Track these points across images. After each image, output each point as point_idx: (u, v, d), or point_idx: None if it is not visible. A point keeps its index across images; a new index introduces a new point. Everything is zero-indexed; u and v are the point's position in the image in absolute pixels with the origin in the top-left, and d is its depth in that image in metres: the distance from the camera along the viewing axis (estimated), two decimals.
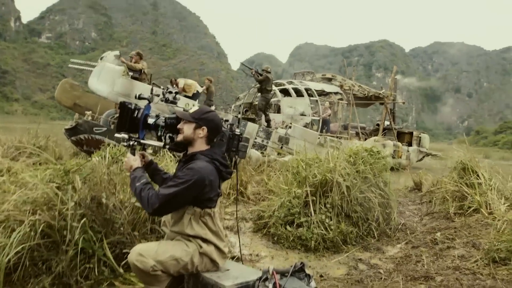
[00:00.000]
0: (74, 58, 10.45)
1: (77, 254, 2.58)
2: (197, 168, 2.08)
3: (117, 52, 9.34)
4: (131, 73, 9.21)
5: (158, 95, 2.30)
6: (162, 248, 2.09)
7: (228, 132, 2.41)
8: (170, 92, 2.31)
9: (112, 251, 2.79)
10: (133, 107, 2.21)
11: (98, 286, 2.60)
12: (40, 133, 10.42)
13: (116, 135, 2.28)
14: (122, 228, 2.93)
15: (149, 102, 2.29)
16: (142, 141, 2.32)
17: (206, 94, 12.15)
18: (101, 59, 9.29)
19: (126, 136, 2.27)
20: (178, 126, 2.24)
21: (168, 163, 4.32)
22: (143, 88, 8.52)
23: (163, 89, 2.36)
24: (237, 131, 2.44)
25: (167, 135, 2.33)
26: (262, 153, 9.73)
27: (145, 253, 2.03)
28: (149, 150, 3.44)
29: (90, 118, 9.05)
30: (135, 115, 2.22)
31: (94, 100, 10.47)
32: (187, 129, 2.22)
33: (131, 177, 2.21)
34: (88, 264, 2.65)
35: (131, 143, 2.28)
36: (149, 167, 2.48)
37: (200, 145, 2.24)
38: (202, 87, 11.78)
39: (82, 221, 2.61)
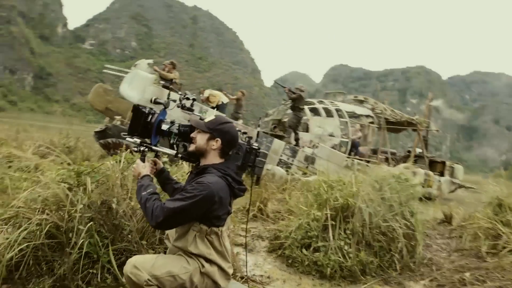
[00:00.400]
0: (114, 65, 10.69)
1: (81, 258, 2.51)
2: (207, 182, 1.93)
3: (150, 61, 9.51)
4: (162, 82, 9.32)
5: (174, 101, 2.20)
6: (159, 262, 1.95)
7: (245, 145, 2.27)
8: (188, 99, 2.21)
9: (117, 259, 2.70)
10: (147, 111, 2.12)
11: None
12: (72, 134, 10.71)
13: (127, 139, 2.19)
14: (130, 236, 2.84)
15: (165, 108, 2.19)
16: (153, 147, 2.22)
17: (235, 105, 12.17)
18: (134, 66, 9.47)
19: (137, 140, 2.17)
20: (192, 135, 2.12)
21: (186, 174, 4.23)
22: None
23: (180, 94, 2.27)
24: (255, 145, 2.30)
25: (181, 143, 2.22)
26: (286, 171, 9.54)
27: (140, 265, 1.90)
28: (164, 158, 3.35)
29: (119, 123, 9.18)
30: (149, 119, 2.13)
31: (125, 106, 10.65)
32: (200, 139, 2.09)
33: (138, 184, 2.09)
34: (92, 269, 2.57)
35: (142, 148, 2.19)
36: (161, 175, 2.38)
37: (213, 158, 2.11)
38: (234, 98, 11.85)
39: (89, 224, 2.54)
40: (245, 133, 2.32)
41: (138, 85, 8.92)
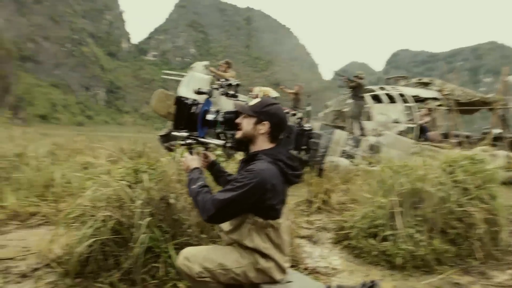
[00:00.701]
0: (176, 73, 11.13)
1: (145, 253, 2.57)
2: (257, 170, 1.80)
3: (206, 62, 9.70)
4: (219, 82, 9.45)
5: (217, 89, 2.15)
6: (211, 255, 1.89)
7: (296, 127, 2.13)
8: (230, 85, 2.14)
9: (179, 253, 2.73)
10: (190, 102, 2.08)
11: (163, 286, 2.54)
12: (141, 140, 11.30)
13: (174, 133, 2.17)
14: (190, 230, 2.86)
15: (209, 97, 2.15)
16: (200, 139, 2.18)
17: (293, 100, 12.05)
18: (190, 69, 9.72)
19: (184, 134, 2.15)
20: (237, 121, 2.01)
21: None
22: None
23: (222, 81, 2.21)
24: (307, 126, 2.15)
25: (228, 132, 2.15)
26: (351, 162, 9.22)
27: (192, 258, 1.86)
28: (218, 151, 3.34)
29: None
30: (193, 111, 2.08)
31: None
32: (246, 125, 1.97)
33: (187, 178, 2.04)
34: (155, 263, 2.62)
35: (189, 141, 2.15)
36: (212, 168, 2.33)
37: (262, 143, 1.98)
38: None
39: (149, 220, 2.59)
40: (294, 114, 2.19)
41: (195, 87, 9.10)
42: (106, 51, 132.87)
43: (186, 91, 9.22)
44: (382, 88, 13.25)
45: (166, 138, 9.31)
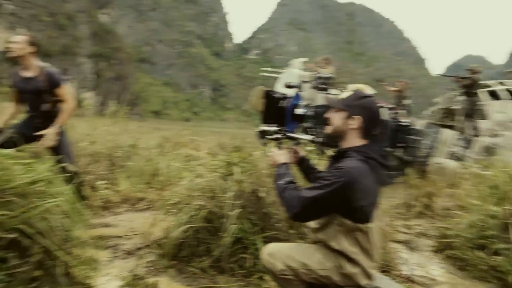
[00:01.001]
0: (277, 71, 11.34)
1: (234, 243, 2.66)
2: (346, 168, 1.69)
3: (304, 59, 9.64)
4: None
5: (307, 82, 2.11)
6: (295, 253, 1.84)
7: (392, 122, 1.97)
8: (320, 78, 2.08)
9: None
10: (279, 96, 2.07)
11: (249, 277, 2.60)
12: (240, 136, 11.78)
13: (262, 127, 2.18)
14: (278, 224, 2.88)
15: (299, 90, 2.12)
16: (289, 134, 2.15)
17: (397, 97, 11.35)
18: (288, 65, 9.76)
19: (272, 128, 2.14)
20: (327, 115, 1.91)
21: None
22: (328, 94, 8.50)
23: (313, 75, 2.16)
24: (405, 121, 1.97)
25: (318, 127, 2.09)
26: (460, 164, 8.37)
27: (275, 255, 1.84)
28: (309, 147, 3.29)
29: None
30: (282, 104, 2.07)
31: None
32: (336, 119, 1.86)
33: (275, 173, 2.01)
34: (244, 254, 2.69)
35: (277, 136, 2.14)
36: (302, 165, 2.26)
37: (354, 139, 1.85)
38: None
39: (239, 211, 2.67)
40: (391, 108, 2.03)
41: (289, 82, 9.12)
42: (212, 51, 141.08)
43: (283, 87, 9.31)
44: (501, 83, 11.74)
45: (263, 134, 9.51)
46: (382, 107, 1.90)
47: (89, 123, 6.31)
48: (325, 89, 2.10)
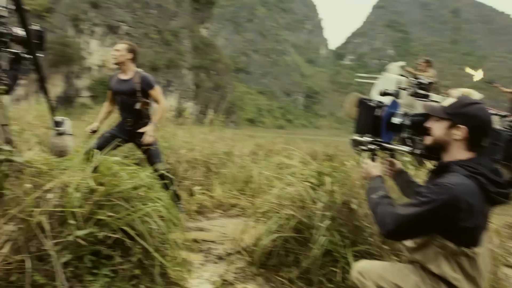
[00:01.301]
0: (373, 76, 10.92)
1: (323, 255, 2.59)
2: (448, 184, 1.50)
3: (402, 63, 9.10)
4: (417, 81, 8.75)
5: (405, 89, 1.96)
6: (387, 273, 1.69)
7: (506, 132, 1.73)
8: (420, 83, 1.91)
9: (359, 261, 2.65)
10: (374, 104, 1.95)
11: None
12: (334, 144, 11.53)
13: (354, 137, 2.08)
14: (371, 239, 2.73)
15: (396, 98, 1.98)
16: (385, 144, 2.01)
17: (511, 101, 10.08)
18: (385, 70, 9.30)
19: (367, 139, 2.03)
20: (426, 125, 1.73)
21: None
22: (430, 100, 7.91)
23: (412, 80, 2.00)
24: None
25: (417, 137, 1.92)
26: None
27: (366, 274, 1.72)
28: (406, 158, 3.06)
29: None
30: (377, 113, 1.95)
31: None
32: (437, 129, 1.67)
33: (368, 186, 1.89)
34: (333, 267, 2.60)
35: (371, 147, 2.02)
36: (399, 178, 2.09)
37: (458, 152, 1.64)
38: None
39: (329, 223, 2.59)
40: (504, 116, 1.76)
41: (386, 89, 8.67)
42: (306, 58, 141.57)
43: (378, 95, 8.89)
44: None
45: (357, 142, 9.19)
46: (493, 114, 1.65)
47: (188, 131, 6.73)
48: (425, 96, 1.92)
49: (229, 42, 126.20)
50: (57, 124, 2.73)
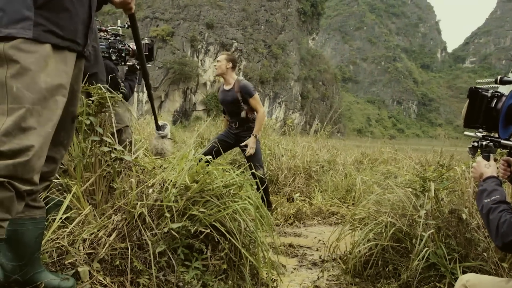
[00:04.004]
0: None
1: (427, 268, 2.34)
2: None
3: None
4: None
5: None
6: None
7: None
8: None
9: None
10: (489, 94, 1.67)
11: None
12: (448, 153, 10.49)
13: (466, 132, 1.83)
14: (485, 254, 2.37)
15: None
16: (503, 141, 1.72)
17: None
18: None
19: (479, 133, 1.77)
20: None
21: None
22: None
23: None
24: None
25: None
26: None
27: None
28: None
29: None
30: (493, 105, 1.66)
31: None
32: None
33: (479, 189, 1.65)
34: (439, 283, 2.33)
35: (485, 143, 1.75)
36: None
37: None
38: None
39: (432, 233, 2.34)
40: None
41: None
42: (420, 63, 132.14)
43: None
44: None
45: (476, 149, 8.20)
46: None
47: (292, 140, 6.77)
48: None
49: (336, 51, 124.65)
50: (159, 128, 2.98)
